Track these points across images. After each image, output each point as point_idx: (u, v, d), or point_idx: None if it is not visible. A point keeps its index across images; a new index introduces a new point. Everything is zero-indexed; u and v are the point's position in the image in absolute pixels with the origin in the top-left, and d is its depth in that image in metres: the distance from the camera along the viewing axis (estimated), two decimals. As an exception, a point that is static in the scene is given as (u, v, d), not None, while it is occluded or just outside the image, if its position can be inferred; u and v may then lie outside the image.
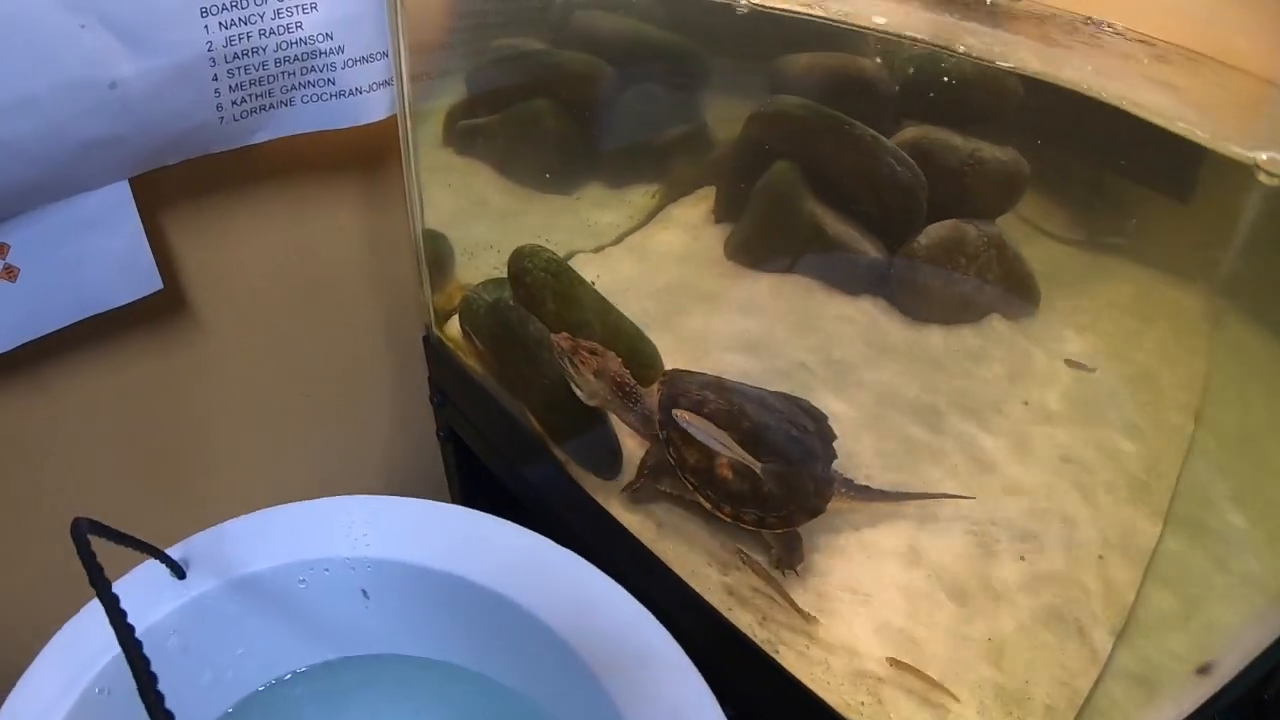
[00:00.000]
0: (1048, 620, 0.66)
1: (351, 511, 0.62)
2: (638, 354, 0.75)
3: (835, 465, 0.72)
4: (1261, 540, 0.66)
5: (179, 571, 0.57)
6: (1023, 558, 0.69)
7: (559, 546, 0.62)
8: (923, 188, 0.80)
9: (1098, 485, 0.74)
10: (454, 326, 0.84)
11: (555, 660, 0.58)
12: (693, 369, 0.73)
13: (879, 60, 0.85)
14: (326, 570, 0.60)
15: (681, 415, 0.67)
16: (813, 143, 0.82)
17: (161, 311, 0.78)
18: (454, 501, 0.99)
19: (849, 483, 0.70)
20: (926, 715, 0.61)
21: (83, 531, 0.45)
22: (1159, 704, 0.51)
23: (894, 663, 0.62)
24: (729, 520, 0.68)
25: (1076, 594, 0.68)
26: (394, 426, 1.05)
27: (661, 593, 0.67)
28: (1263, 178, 0.48)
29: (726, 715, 0.53)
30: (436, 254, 0.86)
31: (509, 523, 0.64)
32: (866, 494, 0.71)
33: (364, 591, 0.62)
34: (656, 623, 0.58)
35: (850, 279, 0.82)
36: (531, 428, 0.76)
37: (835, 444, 0.73)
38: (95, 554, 0.44)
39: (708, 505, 0.68)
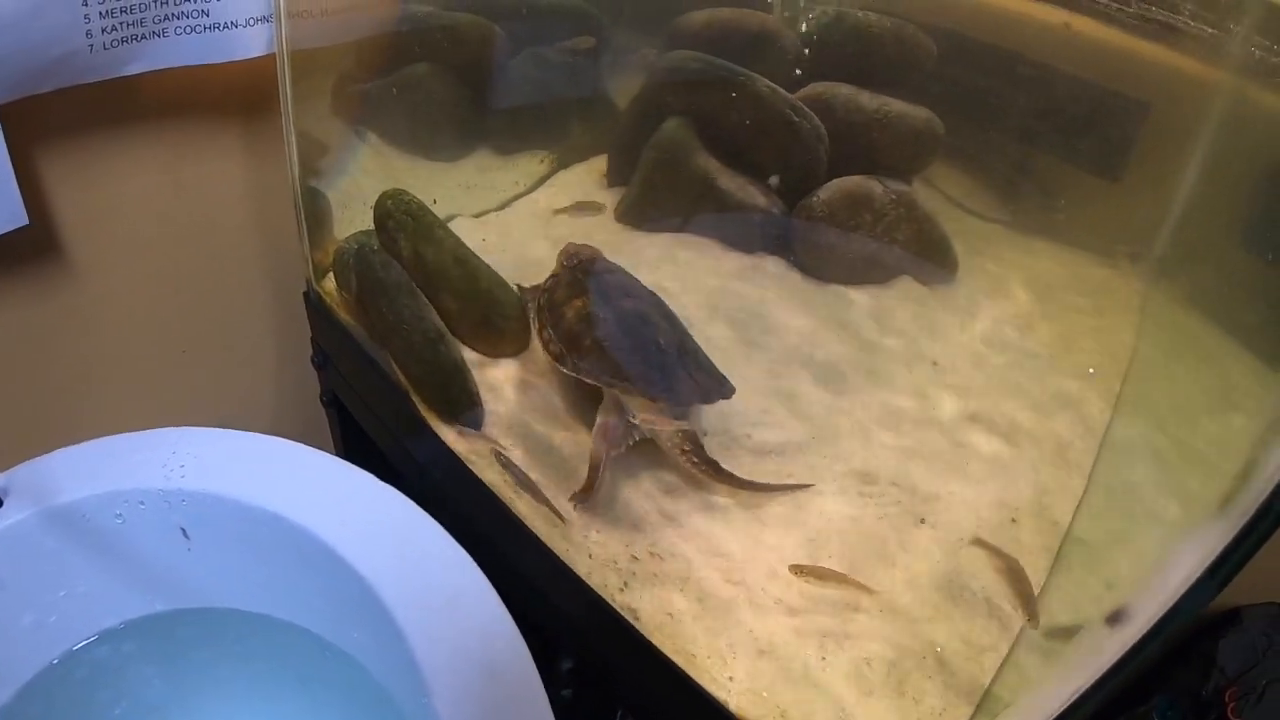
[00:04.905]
0: (950, 589, 0.58)
1: (174, 443, 0.59)
2: (496, 303, 0.69)
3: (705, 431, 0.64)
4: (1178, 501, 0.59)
5: None
6: (923, 520, 0.61)
7: (382, 483, 0.56)
8: (822, 140, 0.76)
9: (1008, 448, 0.67)
10: (332, 281, 0.78)
11: (369, 614, 0.52)
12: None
13: (786, 15, 0.81)
14: (142, 504, 0.56)
15: None
16: (706, 96, 0.78)
17: (30, 253, 0.72)
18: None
19: (700, 450, 0.60)
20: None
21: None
22: (1067, 664, 0.42)
23: (797, 570, 0.54)
24: (553, 358, 0.63)
25: (983, 564, 0.60)
26: (279, 390, 0.97)
27: (531, 562, 0.59)
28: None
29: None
30: (316, 210, 0.80)
31: (333, 457, 0.57)
32: (714, 470, 0.60)
33: (183, 531, 0.58)
34: (471, 564, 0.52)
35: (746, 237, 0.77)
36: (398, 381, 0.69)
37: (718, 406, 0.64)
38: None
39: (541, 339, 0.64)
